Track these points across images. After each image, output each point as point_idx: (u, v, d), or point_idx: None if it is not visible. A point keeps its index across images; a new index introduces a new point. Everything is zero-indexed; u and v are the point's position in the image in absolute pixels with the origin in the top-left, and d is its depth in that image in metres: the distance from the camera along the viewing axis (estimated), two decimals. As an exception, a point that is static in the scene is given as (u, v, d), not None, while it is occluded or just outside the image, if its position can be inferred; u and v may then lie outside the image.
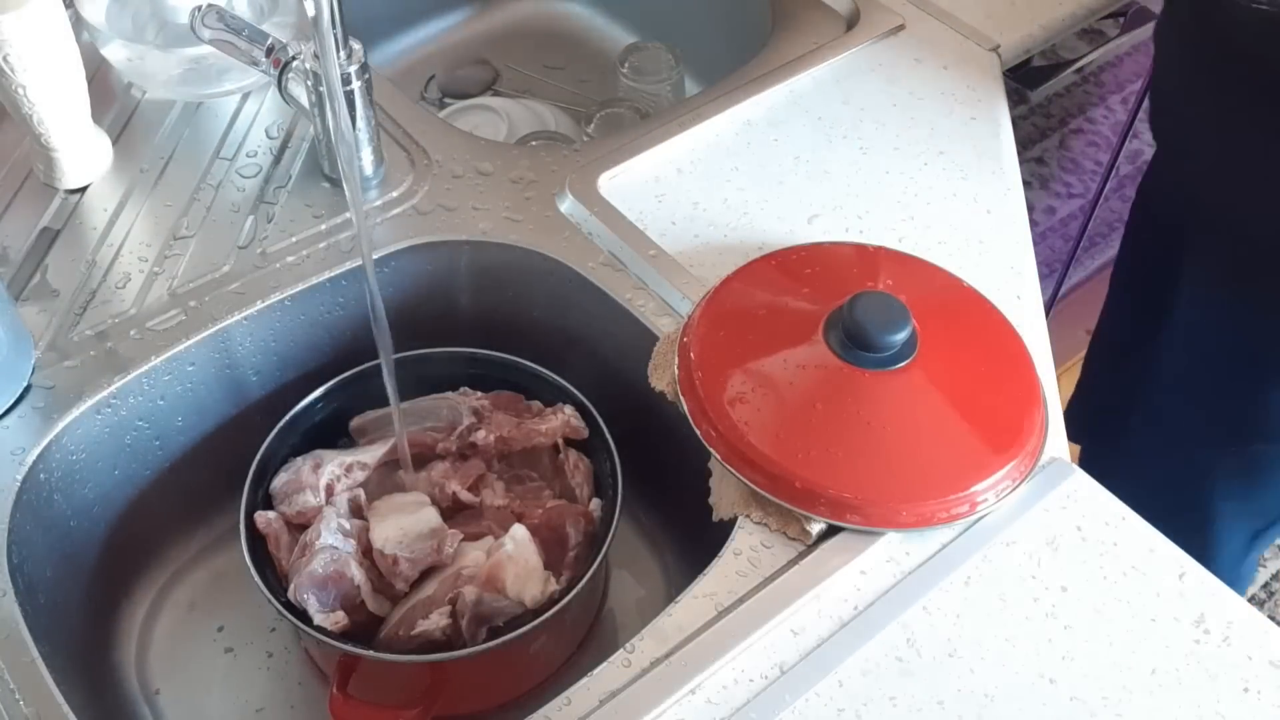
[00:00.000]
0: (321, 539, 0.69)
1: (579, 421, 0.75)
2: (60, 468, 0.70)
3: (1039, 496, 0.67)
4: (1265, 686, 0.60)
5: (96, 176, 0.83)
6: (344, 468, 0.73)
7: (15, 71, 0.74)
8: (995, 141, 0.88)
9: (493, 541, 0.70)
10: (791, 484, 0.64)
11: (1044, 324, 0.76)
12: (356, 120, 0.78)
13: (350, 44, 0.75)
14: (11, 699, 0.58)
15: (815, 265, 0.75)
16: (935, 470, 0.65)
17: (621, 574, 0.84)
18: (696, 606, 0.62)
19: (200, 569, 0.83)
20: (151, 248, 0.78)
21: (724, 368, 0.68)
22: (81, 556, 0.74)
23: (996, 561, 0.64)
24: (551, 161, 0.85)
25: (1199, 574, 0.64)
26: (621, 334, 0.77)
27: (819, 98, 0.91)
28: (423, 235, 0.80)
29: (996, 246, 0.80)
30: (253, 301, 0.75)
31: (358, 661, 0.67)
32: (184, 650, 0.79)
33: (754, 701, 0.59)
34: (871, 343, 0.66)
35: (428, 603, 0.67)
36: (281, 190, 0.83)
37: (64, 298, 0.75)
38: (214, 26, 0.80)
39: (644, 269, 0.77)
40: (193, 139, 0.86)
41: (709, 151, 0.86)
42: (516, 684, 0.74)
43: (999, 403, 0.69)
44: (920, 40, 0.96)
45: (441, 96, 1.14)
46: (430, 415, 0.77)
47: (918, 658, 0.61)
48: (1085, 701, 0.59)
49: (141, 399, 0.73)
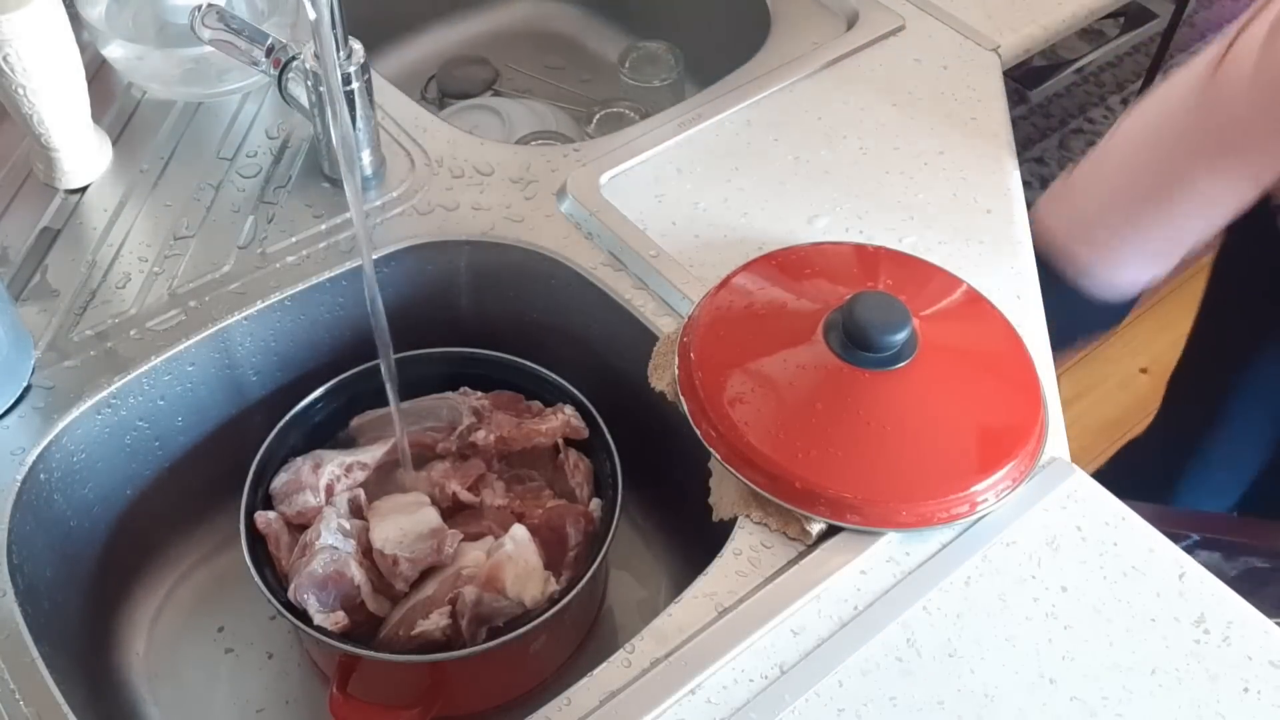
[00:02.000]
0: (321, 539, 0.69)
1: (579, 421, 0.75)
2: (60, 468, 0.70)
3: (1039, 496, 0.67)
4: (1265, 686, 0.60)
5: (96, 176, 0.83)
6: (344, 468, 0.73)
7: (15, 71, 0.74)
8: (995, 141, 0.88)
9: (493, 541, 0.70)
10: (791, 484, 0.64)
11: (1044, 324, 0.76)
12: (356, 120, 0.79)
13: (350, 44, 0.75)
14: (11, 699, 0.58)
15: (815, 265, 0.75)
16: (935, 470, 0.65)
17: (621, 574, 0.84)
18: (696, 606, 0.62)
19: (200, 569, 0.83)
20: (151, 248, 0.79)
21: (724, 368, 0.68)
22: (82, 557, 0.74)
23: (996, 561, 0.64)
24: (551, 161, 0.85)
25: (1199, 574, 0.64)
26: (621, 334, 0.77)
27: (819, 98, 0.91)
28: (423, 235, 0.80)
29: (996, 246, 0.80)
30: (253, 301, 0.75)
31: (358, 661, 0.67)
32: (184, 650, 0.79)
33: (754, 701, 0.59)
34: (871, 343, 0.66)
35: (428, 603, 0.67)
36: (281, 190, 0.83)
37: (64, 298, 0.75)
38: (214, 26, 0.80)
39: (644, 269, 0.77)
40: (193, 139, 0.86)
41: (709, 151, 0.86)
42: (516, 684, 0.74)
43: (999, 403, 0.69)
44: (920, 40, 0.96)
45: (441, 96, 1.13)
46: (430, 415, 0.77)
47: (918, 658, 0.61)
48: (1085, 701, 0.59)
49: (141, 399, 0.73)
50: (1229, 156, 0.74)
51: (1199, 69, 0.75)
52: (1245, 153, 0.73)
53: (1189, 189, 0.76)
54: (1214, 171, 0.75)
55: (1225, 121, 0.73)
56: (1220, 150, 0.74)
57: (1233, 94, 0.72)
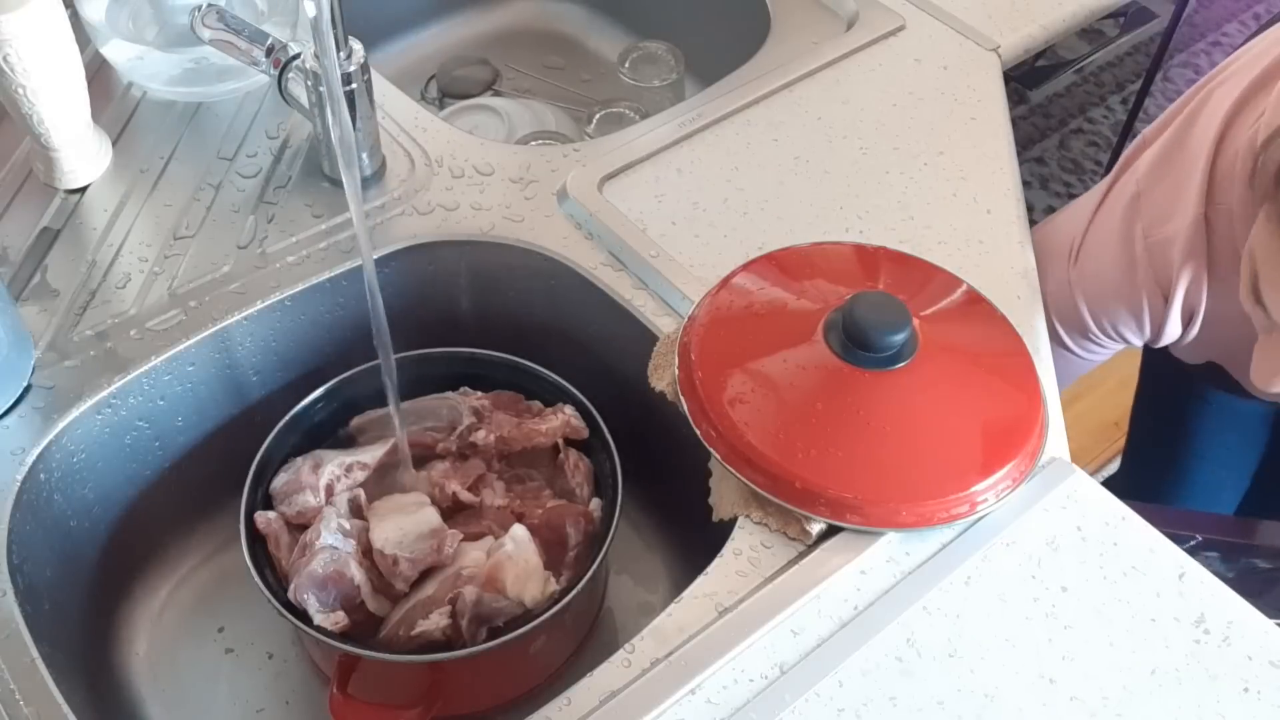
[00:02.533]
0: (321, 539, 0.69)
1: (579, 421, 0.75)
2: (60, 468, 0.70)
3: (1039, 496, 0.67)
4: (1265, 686, 0.60)
5: (96, 176, 0.83)
6: (344, 468, 0.73)
7: (15, 71, 0.74)
8: (995, 141, 0.88)
9: (493, 541, 0.70)
10: (791, 484, 0.64)
11: (1044, 324, 0.76)
12: (356, 120, 0.78)
13: (350, 44, 0.75)
14: (11, 699, 0.58)
15: (815, 265, 0.75)
16: (935, 470, 0.65)
17: (621, 574, 0.84)
18: (696, 606, 0.62)
19: (200, 569, 0.83)
20: (151, 248, 0.78)
21: (724, 368, 0.68)
22: (82, 557, 0.74)
23: (996, 561, 0.64)
24: (551, 161, 0.85)
25: (1199, 574, 0.64)
26: (621, 334, 0.77)
27: (819, 98, 0.91)
28: (423, 235, 0.80)
29: (996, 246, 0.80)
30: (253, 301, 0.75)
31: (358, 661, 0.67)
32: (184, 650, 0.79)
33: (754, 701, 0.59)
34: (871, 343, 0.66)
35: (428, 603, 0.67)
36: (281, 190, 0.83)
37: (64, 298, 0.75)
38: (214, 26, 0.80)
39: (644, 269, 0.77)
40: (193, 139, 0.86)
41: (709, 151, 0.86)
42: (516, 684, 0.74)
43: (999, 403, 0.69)
44: (920, 40, 0.96)
45: (441, 96, 1.13)
46: (430, 415, 0.77)
47: (918, 658, 0.61)
48: (1085, 701, 0.59)
49: (141, 399, 0.73)
50: (1097, 326, 0.83)
51: (1059, 251, 0.83)
52: (1115, 322, 0.82)
53: (1060, 348, 0.86)
54: (1084, 336, 0.85)
55: (1093, 296, 0.81)
56: (1087, 320, 0.83)
57: (1097, 274, 0.81)
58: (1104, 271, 0.80)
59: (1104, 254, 0.80)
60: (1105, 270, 0.80)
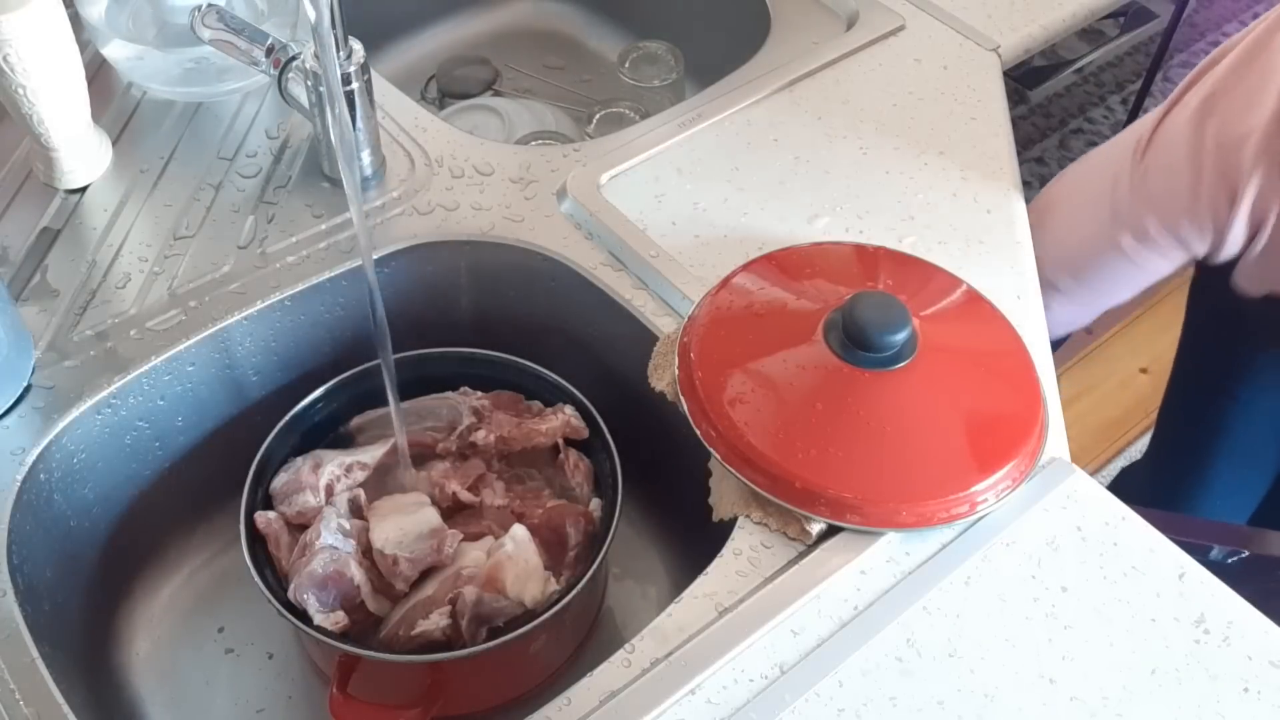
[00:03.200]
0: (321, 539, 0.69)
1: (579, 421, 0.75)
2: (60, 468, 0.70)
3: (1039, 496, 0.67)
4: (1265, 686, 0.60)
5: (96, 176, 0.83)
6: (344, 468, 0.73)
7: (15, 71, 0.74)
8: (995, 141, 0.88)
9: (493, 541, 0.70)
10: (791, 484, 0.64)
11: (1044, 324, 0.76)
12: (356, 120, 0.79)
13: (350, 44, 0.75)
14: (11, 699, 0.58)
15: (815, 265, 0.75)
16: (935, 470, 0.65)
17: (621, 574, 0.84)
18: (696, 606, 0.62)
19: (200, 569, 0.83)
20: (151, 248, 0.79)
21: (724, 368, 0.68)
22: (82, 557, 0.74)
23: (996, 561, 0.64)
24: (551, 161, 0.85)
25: (1199, 574, 0.64)
26: (621, 334, 0.77)
27: (819, 98, 0.91)
28: (423, 235, 0.80)
29: (996, 246, 0.80)
30: (253, 301, 0.75)
31: (358, 661, 0.67)
32: (184, 650, 0.79)
33: (754, 701, 0.59)
34: (871, 343, 0.66)
35: (428, 603, 0.67)
36: (281, 190, 0.83)
37: (64, 298, 0.75)
38: (214, 26, 0.80)
39: (644, 269, 0.77)
40: (193, 139, 0.86)
41: (709, 151, 0.86)
42: (516, 684, 0.74)
43: (999, 403, 0.69)
44: (920, 40, 0.96)
45: (441, 96, 1.13)
46: (430, 415, 0.77)
47: (918, 658, 0.61)
48: (1085, 701, 0.59)
49: (141, 399, 0.73)
50: (1159, 228, 0.80)
51: (1126, 146, 0.81)
52: (1176, 226, 0.79)
53: (1118, 255, 0.83)
54: (1143, 241, 0.81)
55: (1157, 196, 0.79)
56: (1149, 222, 0.80)
57: (1163, 171, 0.78)
58: (1172, 167, 0.78)
59: (1172, 152, 0.78)
60: (1173, 167, 0.77)
